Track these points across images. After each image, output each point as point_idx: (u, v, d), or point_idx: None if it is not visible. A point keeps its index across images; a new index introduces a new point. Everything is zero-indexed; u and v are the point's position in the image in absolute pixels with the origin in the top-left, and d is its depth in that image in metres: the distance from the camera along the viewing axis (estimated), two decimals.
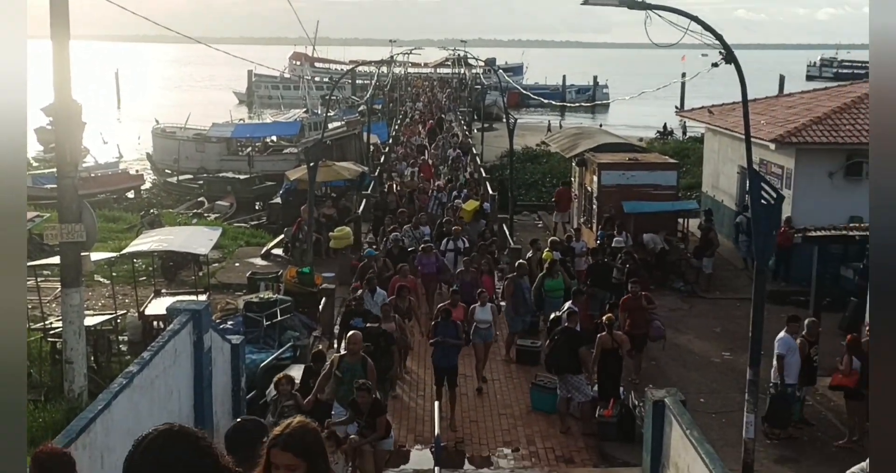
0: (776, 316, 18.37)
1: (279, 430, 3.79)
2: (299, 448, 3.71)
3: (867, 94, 23.56)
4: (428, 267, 19.06)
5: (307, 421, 3.88)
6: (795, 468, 12.74)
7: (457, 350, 14.20)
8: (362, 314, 14.54)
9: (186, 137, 45.27)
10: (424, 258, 19.09)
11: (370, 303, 15.42)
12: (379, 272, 17.70)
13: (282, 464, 3.70)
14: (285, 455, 3.70)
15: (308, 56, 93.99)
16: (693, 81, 13.61)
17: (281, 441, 3.73)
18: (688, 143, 48.99)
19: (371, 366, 11.35)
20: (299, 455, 3.70)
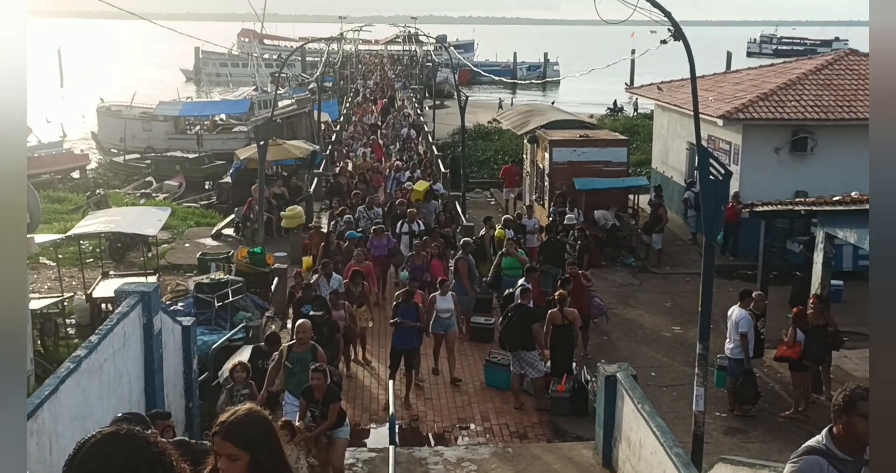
0: (724, 290, 18.72)
1: (224, 417, 3.67)
2: (241, 438, 3.59)
3: (812, 70, 23.96)
4: (380, 250, 18.67)
5: (255, 410, 3.73)
6: (744, 439, 13.01)
7: (417, 332, 14.12)
8: (311, 300, 14.05)
9: (133, 116, 44.41)
10: (376, 240, 18.71)
11: (326, 289, 15.10)
12: (331, 255, 17.30)
13: (222, 453, 3.60)
14: (225, 444, 3.59)
15: (256, 33, 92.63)
16: (643, 58, 13.67)
17: (222, 431, 3.61)
18: (638, 120, 49.37)
19: (322, 355, 11.04)
20: (240, 446, 3.58)
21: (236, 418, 3.63)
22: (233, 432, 3.60)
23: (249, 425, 3.64)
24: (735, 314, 13.66)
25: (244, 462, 3.59)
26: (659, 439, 9.21)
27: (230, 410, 3.71)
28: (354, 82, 70.34)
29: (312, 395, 10.12)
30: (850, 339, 16.06)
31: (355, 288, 15.40)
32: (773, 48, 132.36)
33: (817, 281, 15.50)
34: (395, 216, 21.29)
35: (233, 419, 3.63)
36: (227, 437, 3.60)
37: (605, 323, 17.15)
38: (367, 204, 22.05)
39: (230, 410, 3.71)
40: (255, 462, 3.60)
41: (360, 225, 20.48)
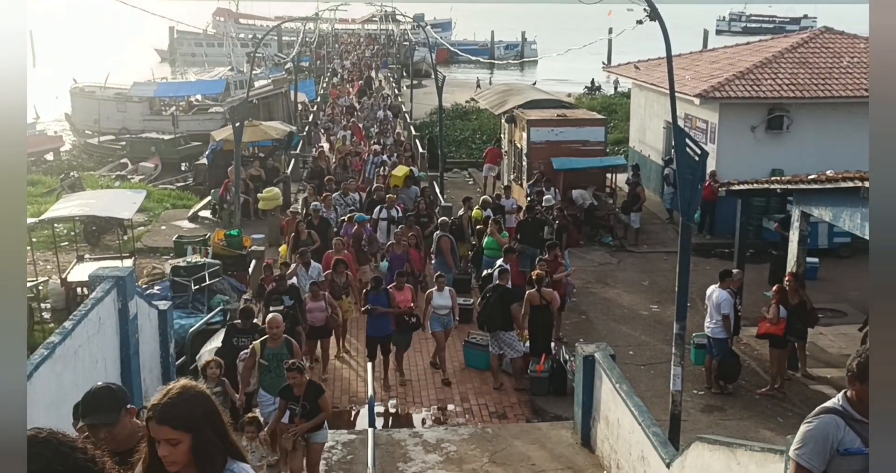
0: (702, 269, 18.85)
1: (156, 399, 3.34)
2: (178, 420, 3.28)
3: (787, 49, 24.01)
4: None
5: (189, 386, 3.40)
6: (721, 416, 13.12)
7: (389, 317, 13.91)
8: (287, 292, 13.47)
9: (107, 97, 43.81)
10: (350, 228, 18.05)
11: (304, 278, 14.66)
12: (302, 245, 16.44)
13: (160, 439, 3.30)
14: (161, 429, 3.29)
15: (232, 12, 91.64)
16: (621, 36, 13.62)
17: (156, 414, 3.29)
18: (615, 98, 49.35)
19: (296, 348, 10.56)
20: (179, 427, 3.28)
21: (170, 398, 3.31)
22: (168, 414, 3.29)
23: (185, 403, 3.31)
24: (716, 295, 13.70)
25: (186, 445, 3.30)
26: (637, 418, 9.28)
27: (162, 390, 3.40)
28: (331, 62, 69.81)
29: (292, 393, 9.43)
30: (826, 316, 16.24)
31: (339, 277, 14.86)
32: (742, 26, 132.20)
33: (793, 259, 15.58)
34: (371, 201, 20.59)
35: (166, 399, 3.31)
36: (162, 420, 3.29)
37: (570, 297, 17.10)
38: (343, 190, 21.24)
39: (162, 390, 3.40)
40: (199, 443, 3.32)
41: (338, 212, 19.81)
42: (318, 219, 18.24)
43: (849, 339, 15.48)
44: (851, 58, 23.23)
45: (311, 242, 16.75)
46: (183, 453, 3.31)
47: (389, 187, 22.03)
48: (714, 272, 15.28)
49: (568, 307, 16.65)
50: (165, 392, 3.35)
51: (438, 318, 14.04)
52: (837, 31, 25.51)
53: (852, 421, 4.51)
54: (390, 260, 16.45)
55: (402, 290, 14.00)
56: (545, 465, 10.58)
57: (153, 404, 3.33)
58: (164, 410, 3.30)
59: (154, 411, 3.31)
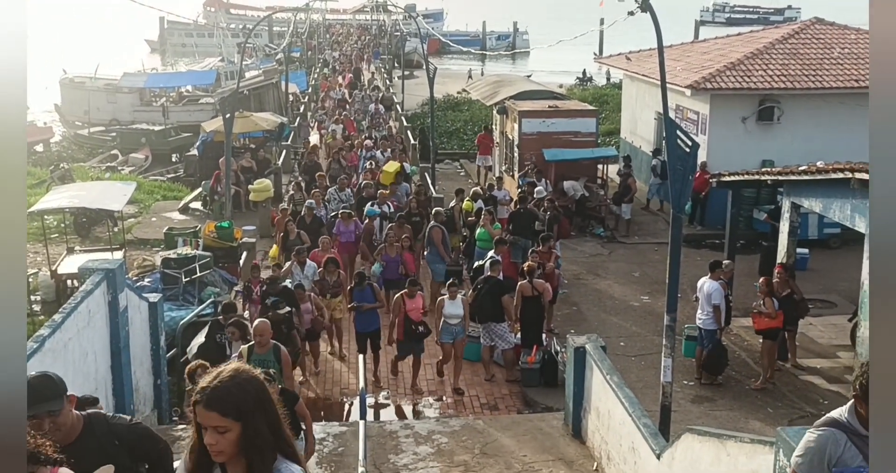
0: (692, 260, 18.90)
1: (206, 382, 3.09)
2: (227, 406, 3.03)
3: (778, 39, 24.02)
4: (346, 236, 17.35)
5: (243, 370, 3.13)
6: (711, 407, 13.17)
7: (376, 313, 13.81)
8: (278, 293, 13.02)
9: (97, 87, 43.58)
10: (343, 225, 17.35)
11: (300, 277, 14.35)
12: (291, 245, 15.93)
13: (208, 426, 3.06)
14: (210, 414, 3.04)
15: (222, 2, 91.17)
16: (613, 26, 13.62)
17: (205, 399, 3.05)
18: (607, 89, 49.33)
19: (285, 355, 10.20)
20: (229, 415, 3.03)
21: (220, 382, 3.06)
22: (217, 399, 3.04)
23: (237, 389, 3.06)
24: (707, 286, 13.71)
25: (235, 434, 3.07)
26: (627, 409, 9.30)
27: (213, 372, 3.15)
28: (322, 52, 69.56)
29: None
30: (815, 307, 16.29)
31: (330, 276, 14.45)
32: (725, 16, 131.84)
33: (783, 249, 15.65)
34: (361, 198, 19.94)
35: (216, 383, 3.06)
36: (211, 406, 3.04)
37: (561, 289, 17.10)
38: (340, 185, 20.71)
39: (213, 372, 3.15)
40: (248, 434, 3.08)
41: (331, 207, 19.31)
42: (311, 216, 17.73)
43: (838, 330, 15.56)
44: (842, 49, 23.26)
45: (300, 242, 16.11)
46: (231, 443, 3.08)
47: (379, 183, 21.39)
48: (705, 263, 15.30)
49: (559, 298, 16.66)
50: (215, 375, 3.11)
51: (449, 328, 13.33)
52: (828, 22, 25.52)
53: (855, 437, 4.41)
54: (383, 262, 15.91)
55: (413, 298, 13.28)
56: (536, 456, 10.61)
57: (202, 387, 3.09)
58: (214, 394, 3.05)
59: (202, 394, 3.07)
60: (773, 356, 13.83)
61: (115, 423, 4.85)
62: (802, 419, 12.27)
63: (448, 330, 13.31)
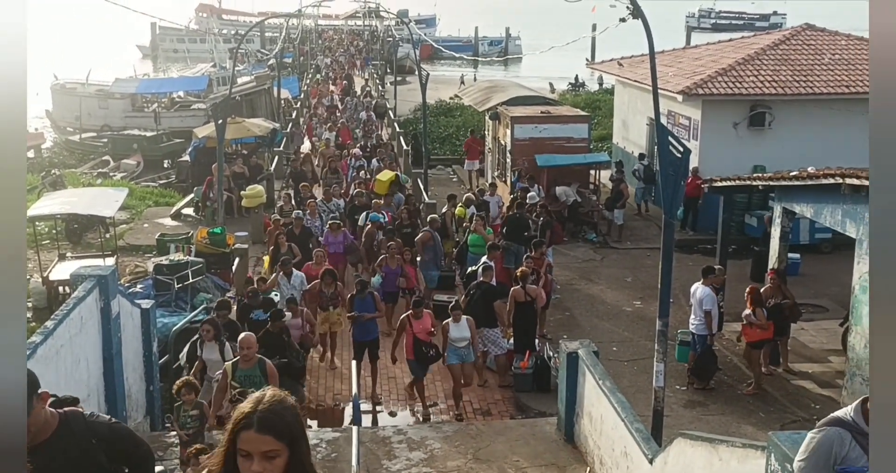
0: (684, 265, 18.95)
1: (250, 407, 2.91)
2: (282, 429, 2.90)
3: (769, 45, 24.13)
4: (335, 247, 16.96)
5: (283, 396, 3.01)
6: (703, 411, 13.20)
7: (375, 322, 13.68)
8: (263, 305, 12.64)
9: (88, 93, 43.59)
10: (331, 236, 16.97)
11: (287, 288, 14.16)
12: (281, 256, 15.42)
13: (258, 452, 2.85)
14: (265, 439, 2.86)
15: (215, 8, 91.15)
16: (606, 32, 13.68)
17: (259, 422, 2.86)
18: (599, 95, 49.43)
19: (271, 369, 9.83)
20: (282, 439, 2.89)
21: (270, 404, 2.91)
22: (272, 422, 2.88)
23: (287, 412, 2.93)
24: (699, 291, 13.75)
25: (283, 460, 2.91)
26: (620, 414, 9.32)
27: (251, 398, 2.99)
28: (314, 58, 69.57)
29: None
30: (807, 312, 16.33)
31: (328, 288, 14.06)
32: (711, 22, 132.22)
33: (775, 255, 15.71)
34: (353, 207, 19.55)
35: (268, 406, 2.90)
36: (265, 429, 2.86)
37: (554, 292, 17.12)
38: (325, 195, 20.09)
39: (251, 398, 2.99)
40: (296, 459, 2.94)
41: (321, 219, 18.76)
42: (300, 228, 17.35)
43: (830, 334, 15.61)
44: (833, 54, 23.37)
45: (291, 255, 15.70)
46: (279, 469, 2.91)
47: (372, 192, 21.07)
48: (697, 268, 15.35)
49: (552, 303, 16.69)
50: (258, 399, 2.95)
51: (456, 351, 12.89)
52: (819, 28, 25.65)
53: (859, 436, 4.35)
54: (383, 274, 15.54)
55: (420, 319, 12.73)
56: (529, 461, 10.62)
57: (247, 412, 2.90)
58: (267, 417, 2.88)
59: (252, 419, 2.87)
60: (758, 363, 13.85)
61: (93, 422, 4.73)
62: (794, 423, 12.31)
63: (455, 353, 12.87)
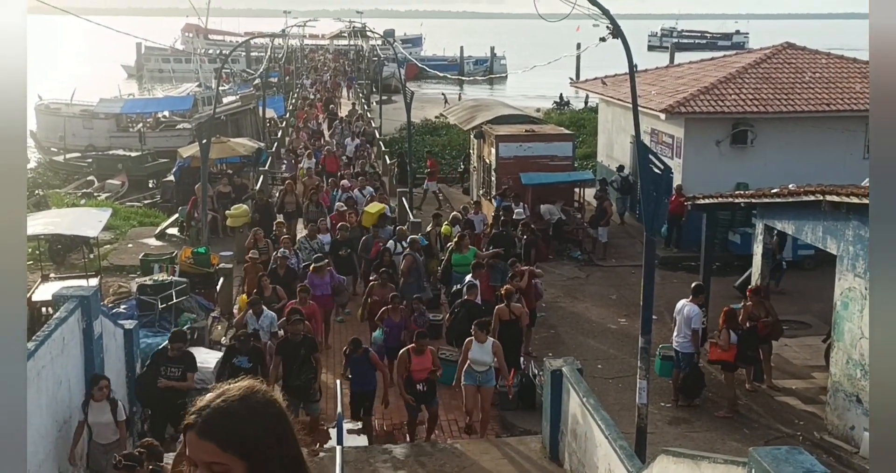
0: (669, 282, 19.05)
1: (206, 400, 2.28)
2: (231, 436, 2.20)
3: (751, 64, 24.37)
4: (321, 288, 15.54)
5: (257, 389, 2.30)
6: (688, 428, 13.22)
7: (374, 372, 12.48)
8: (248, 352, 11.88)
9: (73, 113, 43.49)
10: (316, 278, 15.56)
11: (254, 327, 13.35)
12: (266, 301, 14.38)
13: (199, 461, 2.21)
14: (203, 445, 2.21)
15: (201, 28, 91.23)
16: (590, 50, 13.80)
17: (200, 422, 2.22)
18: (584, 114, 49.76)
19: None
20: (228, 449, 2.20)
21: (225, 402, 2.24)
22: (217, 425, 2.21)
23: (248, 413, 2.23)
24: (686, 309, 13.76)
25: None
26: (604, 432, 9.33)
27: (219, 388, 2.32)
28: (300, 78, 69.75)
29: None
30: (790, 328, 16.43)
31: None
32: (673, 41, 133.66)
33: (757, 271, 15.79)
34: (335, 242, 18.23)
35: (219, 402, 2.24)
36: (207, 433, 2.21)
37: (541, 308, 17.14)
38: (309, 232, 18.56)
39: (219, 388, 2.32)
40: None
41: (302, 256, 17.36)
42: (285, 268, 16.13)
43: (813, 351, 15.68)
44: (813, 73, 23.64)
45: (276, 299, 14.74)
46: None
47: (360, 225, 19.78)
48: (682, 285, 15.44)
49: (537, 321, 16.70)
50: (221, 392, 2.28)
51: (473, 375, 12.10)
52: (799, 47, 25.95)
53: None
54: (386, 329, 13.85)
55: (421, 355, 11.91)
56: None
57: (199, 406, 2.27)
58: (213, 419, 2.22)
59: (197, 416, 2.24)
60: (733, 387, 13.83)
61: None
62: (778, 439, 12.35)
63: (472, 375, 12.09)
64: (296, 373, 11.93)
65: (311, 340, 12.14)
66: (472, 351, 11.99)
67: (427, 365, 11.96)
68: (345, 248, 18.02)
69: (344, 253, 17.97)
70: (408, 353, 11.94)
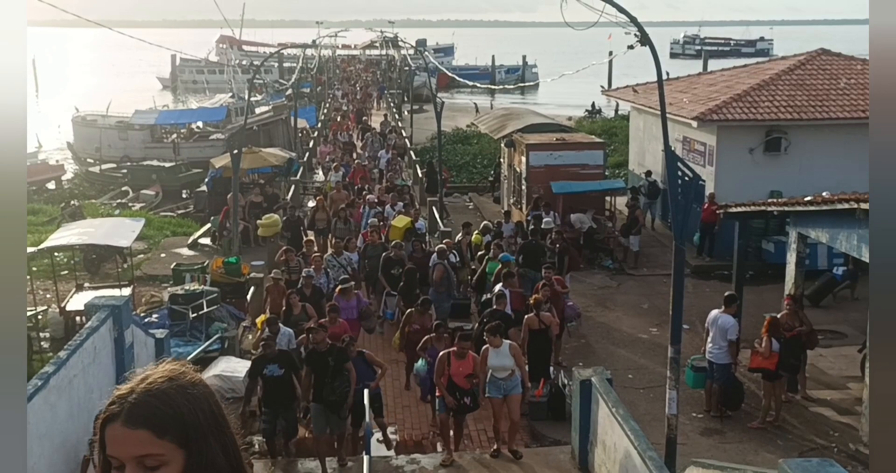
0: (701, 291, 18.87)
1: (126, 388, 1.96)
2: (167, 422, 1.91)
3: (784, 71, 24.11)
4: (347, 313, 14.67)
5: (183, 371, 2.01)
6: (720, 439, 13.05)
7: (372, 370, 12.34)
8: (276, 359, 11.53)
9: (108, 125, 44.13)
10: (343, 301, 14.73)
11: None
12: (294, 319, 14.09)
13: (128, 456, 1.90)
14: (135, 435, 1.89)
15: (235, 39, 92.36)
16: (623, 57, 13.74)
17: (126, 410, 1.91)
18: (615, 121, 49.52)
19: None
20: (164, 436, 1.90)
21: (151, 385, 1.94)
22: (147, 410, 1.90)
23: (182, 397, 1.94)
24: (721, 320, 13.55)
25: (176, 469, 1.93)
26: (633, 442, 9.23)
27: (137, 376, 2.00)
28: (332, 88, 70.18)
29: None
30: (826, 338, 16.19)
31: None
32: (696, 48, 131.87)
33: (791, 281, 15.57)
34: (389, 260, 17.20)
35: (144, 386, 1.94)
36: (136, 421, 1.90)
37: (579, 325, 17.10)
38: (335, 248, 17.78)
39: (137, 376, 2.00)
40: (196, 464, 1.94)
41: (331, 276, 16.69)
42: (311, 287, 15.42)
43: (848, 361, 15.41)
44: (848, 79, 23.32)
45: (305, 318, 14.05)
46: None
47: (387, 240, 18.94)
48: (714, 294, 15.27)
49: (569, 330, 16.59)
50: (143, 378, 1.98)
51: (496, 383, 11.56)
52: (834, 53, 25.64)
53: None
54: (430, 358, 12.69)
55: (463, 359, 11.45)
56: None
57: (118, 395, 1.95)
58: (142, 403, 1.91)
59: (121, 406, 1.92)
60: (777, 395, 13.59)
61: None
62: (812, 451, 12.15)
63: (496, 385, 11.57)
64: (330, 386, 11.28)
65: (340, 349, 11.55)
66: (489, 358, 11.56)
67: (468, 369, 11.47)
68: (397, 268, 16.90)
69: (396, 273, 16.87)
70: (448, 356, 11.49)
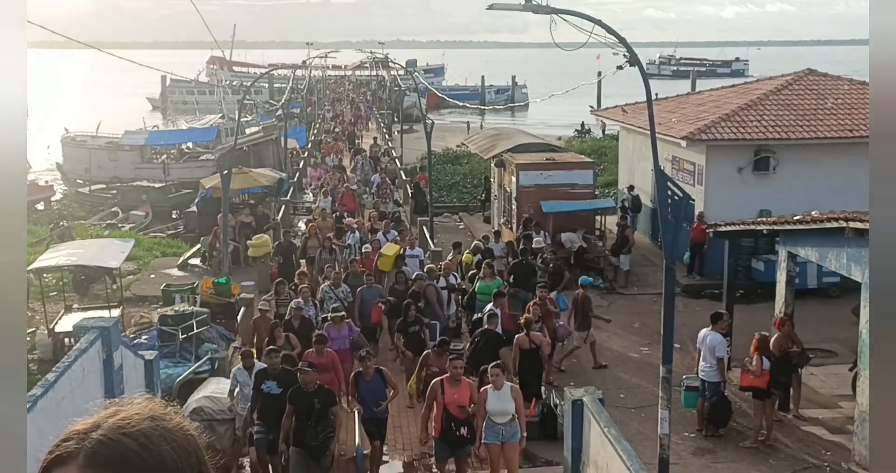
0: (692, 310, 18.89)
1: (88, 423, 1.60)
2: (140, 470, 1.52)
3: (772, 91, 24.30)
4: (338, 342, 14.10)
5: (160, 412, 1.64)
6: (713, 459, 13.02)
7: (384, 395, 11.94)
8: (276, 376, 11.27)
9: (98, 146, 44.06)
10: (333, 330, 14.17)
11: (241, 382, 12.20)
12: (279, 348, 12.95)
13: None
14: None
15: (225, 60, 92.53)
16: (611, 78, 13.83)
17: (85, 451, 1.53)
18: (605, 141, 49.71)
19: None
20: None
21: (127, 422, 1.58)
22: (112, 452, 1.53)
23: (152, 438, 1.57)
24: (709, 338, 13.62)
25: None
26: (625, 463, 9.18)
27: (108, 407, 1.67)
28: (322, 108, 70.27)
29: None
30: (816, 356, 16.19)
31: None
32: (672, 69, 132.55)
33: (781, 299, 15.61)
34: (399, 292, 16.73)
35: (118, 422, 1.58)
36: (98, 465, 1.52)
37: (570, 343, 17.09)
38: (333, 280, 16.95)
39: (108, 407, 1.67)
40: None
41: (324, 307, 16.07)
42: (300, 319, 14.63)
43: (840, 379, 15.43)
44: (836, 99, 23.52)
45: (290, 347, 13.40)
46: None
47: (377, 270, 18.46)
48: (704, 313, 15.27)
49: (559, 351, 16.57)
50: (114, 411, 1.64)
51: (494, 428, 10.72)
52: (821, 73, 25.87)
53: None
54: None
55: (457, 386, 10.76)
56: None
57: (78, 430, 1.59)
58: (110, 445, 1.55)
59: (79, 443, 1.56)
60: (762, 416, 13.57)
61: None
62: (805, 470, 12.13)
63: (493, 430, 10.75)
64: (312, 431, 10.58)
65: (327, 391, 10.91)
66: (488, 401, 10.58)
67: (463, 399, 10.65)
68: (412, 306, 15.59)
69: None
70: (441, 384, 10.72)
